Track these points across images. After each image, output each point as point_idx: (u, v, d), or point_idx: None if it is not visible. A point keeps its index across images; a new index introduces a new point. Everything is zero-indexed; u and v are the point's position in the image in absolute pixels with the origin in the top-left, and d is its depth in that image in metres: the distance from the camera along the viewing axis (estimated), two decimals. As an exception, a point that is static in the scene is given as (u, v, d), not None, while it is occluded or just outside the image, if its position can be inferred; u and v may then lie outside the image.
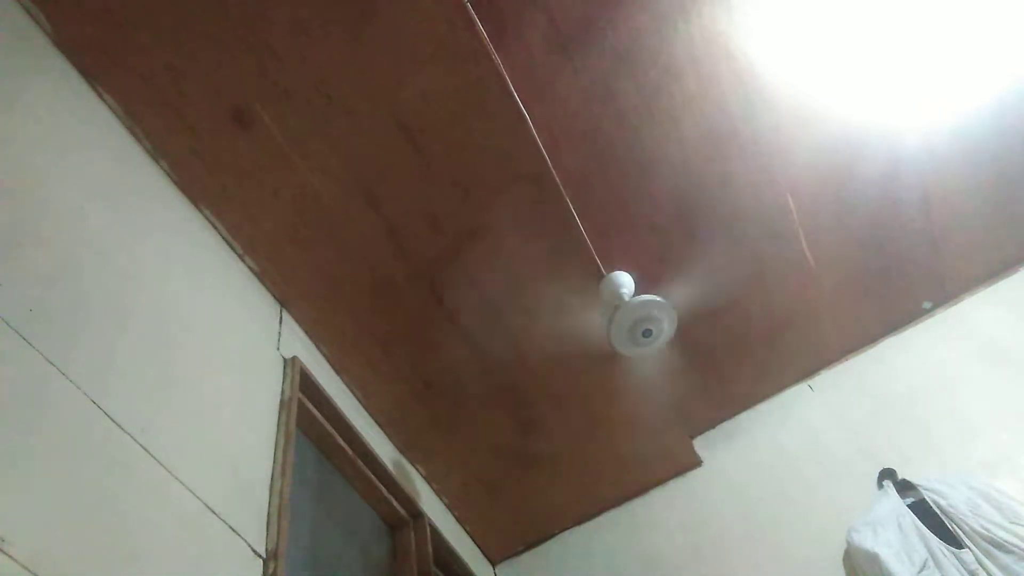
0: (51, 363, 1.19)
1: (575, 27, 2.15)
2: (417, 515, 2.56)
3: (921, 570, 2.25)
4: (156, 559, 1.22)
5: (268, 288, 2.28)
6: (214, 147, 1.99)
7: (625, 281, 2.38)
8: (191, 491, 1.38)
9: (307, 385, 2.14)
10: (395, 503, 2.48)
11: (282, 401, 1.95)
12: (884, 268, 2.96)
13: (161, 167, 1.97)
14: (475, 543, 3.15)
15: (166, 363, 1.53)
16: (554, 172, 2.23)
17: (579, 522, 3.21)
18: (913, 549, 2.32)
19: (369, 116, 2.04)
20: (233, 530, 1.46)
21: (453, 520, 3.02)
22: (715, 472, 3.12)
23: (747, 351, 3.06)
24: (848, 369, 3.15)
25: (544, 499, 3.12)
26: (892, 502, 2.50)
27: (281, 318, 2.27)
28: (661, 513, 3.09)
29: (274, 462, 1.75)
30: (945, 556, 2.26)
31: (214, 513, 1.42)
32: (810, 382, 3.19)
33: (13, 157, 1.39)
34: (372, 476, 2.39)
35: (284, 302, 2.32)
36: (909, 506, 2.46)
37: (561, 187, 2.27)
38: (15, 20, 1.66)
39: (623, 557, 3.01)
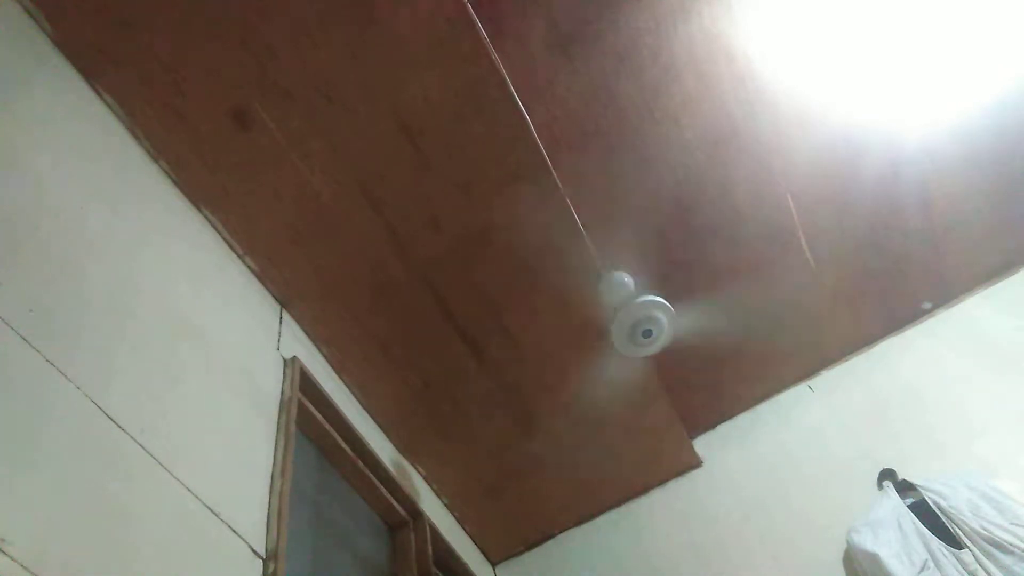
0: (51, 363, 1.19)
1: (575, 27, 2.15)
2: (417, 515, 2.56)
3: (921, 571, 2.25)
4: (156, 559, 1.22)
5: (268, 288, 2.28)
6: (214, 147, 1.99)
7: (625, 281, 2.38)
8: (191, 491, 1.38)
9: (307, 385, 2.14)
10: (395, 503, 2.48)
11: (282, 401, 1.95)
12: (884, 268, 2.97)
13: (161, 167, 1.97)
14: (475, 543, 3.15)
15: (166, 363, 1.53)
16: (554, 172, 2.23)
17: (579, 522, 3.21)
18: (913, 550, 2.32)
19: (369, 116, 2.04)
20: (233, 530, 1.45)
21: (453, 520, 3.02)
22: (715, 472, 3.12)
23: (747, 351, 3.06)
24: (848, 369, 3.15)
25: (544, 499, 3.12)
26: (892, 503, 2.50)
27: (281, 318, 2.27)
28: (661, 513, 3.09)
29: (274, 462, 1.75)
30: (945, 557, 2.26)
31: (214, 513, 1.41)
32: (810, 382, 3.19)
33: (13, 157, 1.39)
34: (372, 476, 2.39)
35: (284, 302, 2.32)
36: (909, 507, 2.46)
37: (561, 187, 2.27)
38: (15, 20, 1.66)
39: (623, 557, 3.01)
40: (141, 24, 1.79)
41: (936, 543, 2.30)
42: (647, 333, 2.29)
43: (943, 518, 2.37)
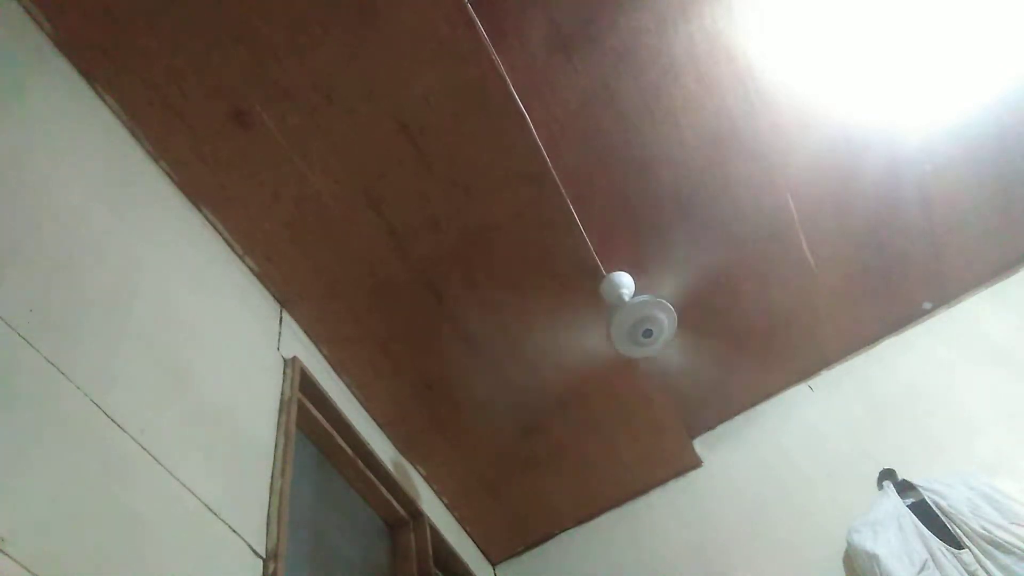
0: (51, 363, 1.19)
1: (575, 27, 2.16)
2: (417, 515, 2.56)
3: (921, 571, 2.25)
4: (156, 559, 1.22)
5: (268, 288, 2.28)
6: (214, 147, 1.99)
7: (625, 281, 2.38)
8: (191, 491, 1.38)
9: (307, 385, 2.14)
10: (395, 503, 2.48)
11: (282, 401, 1.95)
12: (884, 268, 2.97)
13: (161, 168, 1.97)
14: (475, 543, 3.15)
15: (166, 363, 1.53)
16: (554, 172, 2.23)
17: (579, 522, 3.21)
18: (913, 550, 2.32)
19: (369, 116, 2.04)
20: (233, 530, 1.46)
21: (453, 520, 3.02)
22: (715, 472, 3.12)
23: (747, 351, 3.06)
24: (848, 369, 3.15)
25: (544, 499, 3.12)
26: (892, 502, 2.50)
27: (281, 318, 2.27)
28: (661, 513, 3.09)
29: (274, 462, 1.75)
30: (945, 557, 2.26)
31: (214, 513, 1.42)
32: (810, 382, 3.19)
33: (13, 157, 1.39)
34: (372, 476, 2.39)
35: (284, 302, 2.32)
36: (909, 506, 2.46)
37: (561, 187, 2.27)
38: (15, 20, 1.66)
39: (623, 557, 3.01)
40: (142, 24, 1.78)
41: (936, 543, 2.30)
42: (647, 333, 2.28)
43: (943, 518, 2.37)
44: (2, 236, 1.24)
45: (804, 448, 2.97)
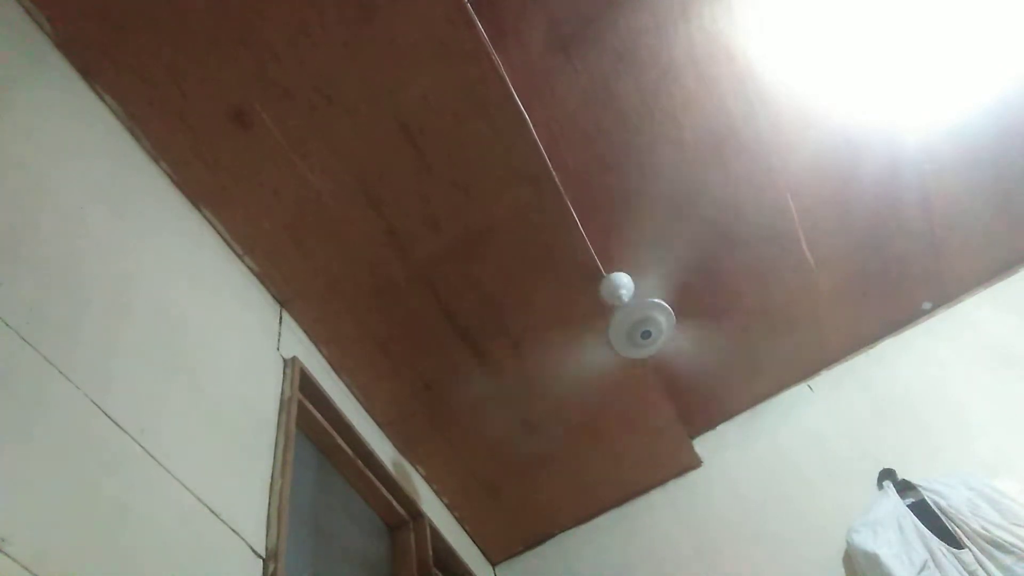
0: (51, 363, 1.19)
1: (575, 27, 2.16)
2: (417, 515, 2.56)
3: (921, 571, 2.25)
4: (156, 559, 1.22)
5: (268, 288, 2.28)
6: (214, 147, 1.99)
7: (625, 282, 2.38)
8: (191, 491, 1.38)
9: (307, 385, 2.14)
10: (395, 503, 2.48)
11: (282, 401, 1.95)
12: (884, 268, 2.97)
13: (161, 167, 1.97)
14: (475, 543, 3.15)
15: (166, 363, 1.53)
16: (554, 172, 2.23)
17: (579, 522, 3.21)
18: (913, 549, 2.32)
19: (369, 116, 2.04)
20: (233, 530, 1.46)
21: (453, 520, 3.02)
22: (715, 473, 3.12)
23: (747, 351, 3.06)
24: (848, 369, 3.15)
25: (544, 499, 3.12)
26: (892, 502, 2.50)
27: (281, 318, 2.27)
28: (661, 514, 3.09)
29: (274, 462, 1.75)
30: (945, 556, 2.26)
31: (214, 513, 1.42)
32: (810, 382, 3.19)
33: (13, 157, 1.39)
34: (372, 476, 2.39)
35: (284, 302, 2.32)
36: (909, 506, 2.46)
37: (561, 187, 2.27)
38: (15, 20, 1.66)
39: (623, 558, 3.01)
40: (141, 24, 1.79)
41: (936, 543, 2.30)
42: (646, 334, 2.29)
43: (943, 518, 2.37)
44: (2, 236, 1.24)
45: (804, 448, 2.97)
